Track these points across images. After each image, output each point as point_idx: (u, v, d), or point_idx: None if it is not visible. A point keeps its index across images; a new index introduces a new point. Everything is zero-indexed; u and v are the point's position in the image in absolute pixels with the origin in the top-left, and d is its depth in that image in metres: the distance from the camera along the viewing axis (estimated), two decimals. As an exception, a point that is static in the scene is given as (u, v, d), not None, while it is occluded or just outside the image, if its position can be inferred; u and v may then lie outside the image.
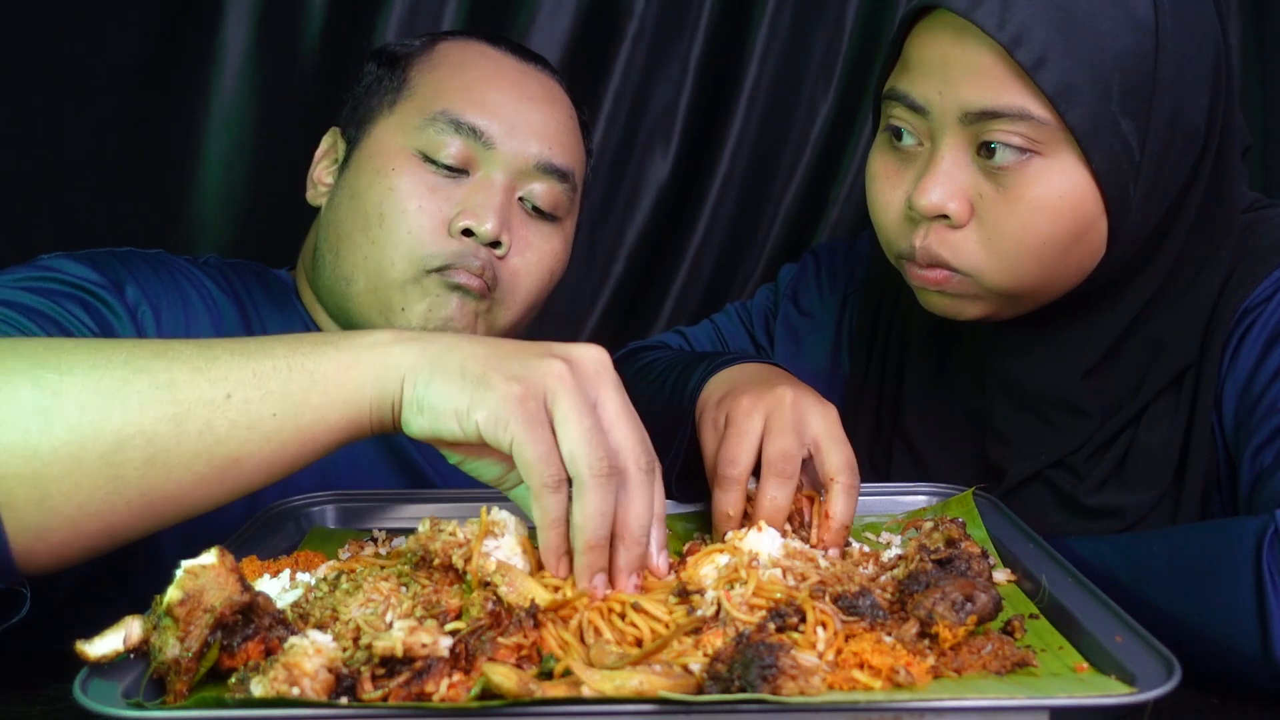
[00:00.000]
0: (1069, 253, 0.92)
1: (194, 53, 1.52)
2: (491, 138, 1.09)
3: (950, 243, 0.93)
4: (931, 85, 0.91)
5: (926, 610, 0.69)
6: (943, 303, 0.97)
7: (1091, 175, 0.89)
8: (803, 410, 0.91)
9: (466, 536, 0.75)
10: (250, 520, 0.95)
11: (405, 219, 1.07)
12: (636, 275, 1.69)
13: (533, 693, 0.60)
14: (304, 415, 0.75)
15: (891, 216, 0.97)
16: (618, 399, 0.75)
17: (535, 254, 1.12)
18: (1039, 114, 0.87)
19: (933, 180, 0.91)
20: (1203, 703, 0.78)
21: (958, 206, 0.91)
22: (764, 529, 0.82)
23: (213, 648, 0.65)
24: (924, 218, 0.93)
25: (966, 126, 0.90)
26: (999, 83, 0.87)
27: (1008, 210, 0.90)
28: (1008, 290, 0.94)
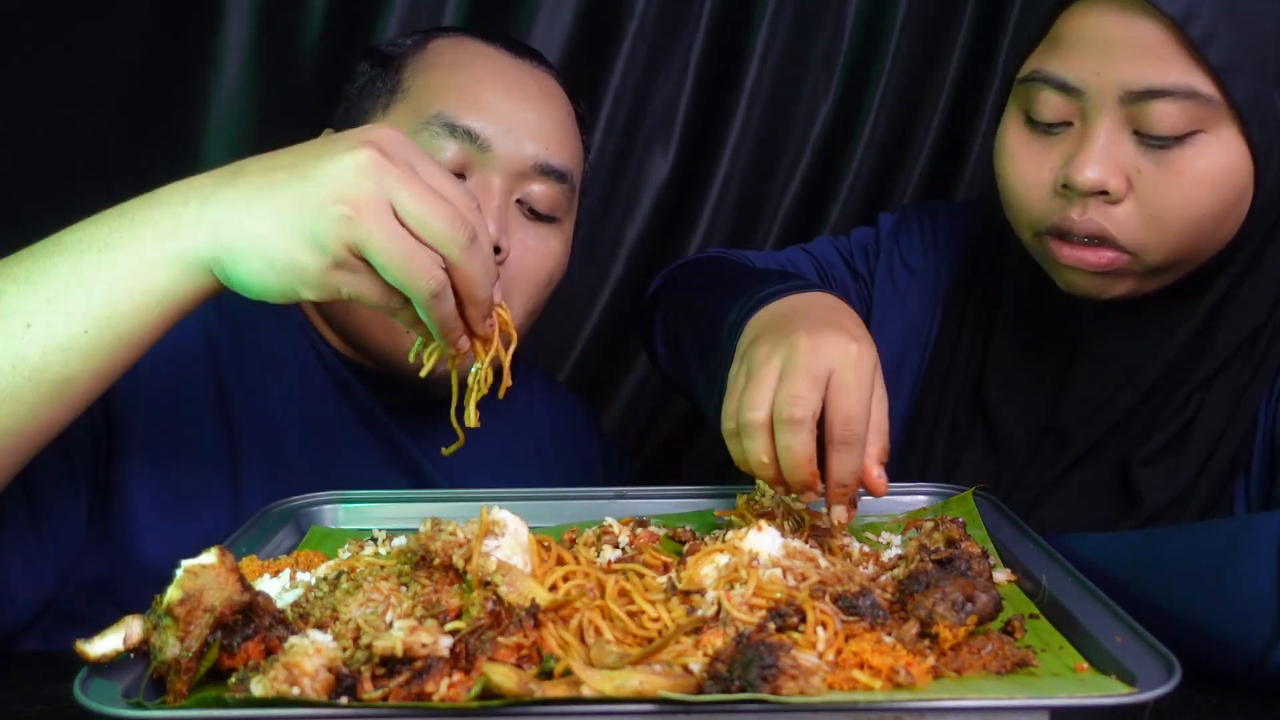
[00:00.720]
0: (1220, 225, 0.93)
1: (194, 53, 1.52)
2: (488, 140, 1.07)
3: (1112, 217, 0.93)
4: (1089, 65, 0.91)
5: (927, 610, 0.69)
6: (1086, 284, 0.97)
7: (1249, 149, 0.90)
8: (821, 351, 0.83)
9: (466, 536, 0.75)
10: (250, 520, 0.95)
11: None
12: (636, 275, 1.69)
13: (533, 693, 0.60)
14: (119, 325, 0.74)
15: (1037, 193, 0.96)
16: (432, 163, 0.77)
17: (534, 257, 1.11)
18: (1205, 91, 0.88)
19: (1091, 157, 0.91)
20: (1203, 703, 0.78)
21: (1117, 183, 0.91)
22: (764, 529, 0.82)
23: (213, 647, 0.65)
24: (1080, 194, 0.93)
25: (1126, 105, 0.90)
26: (1165, 60, 0.88)
27: (1168, 186, 0.91)
28: (1164, 265, 0.94)
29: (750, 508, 0.91)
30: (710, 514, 0.98)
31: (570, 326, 1.69)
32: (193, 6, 1.51)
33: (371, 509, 1.01)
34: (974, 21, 1.68)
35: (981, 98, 1.70)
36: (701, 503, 1.02)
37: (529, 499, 1.01)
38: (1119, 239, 0.93)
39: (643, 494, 1.03)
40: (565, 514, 0.98)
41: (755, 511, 0.89)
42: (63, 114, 1.50)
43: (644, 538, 0.90)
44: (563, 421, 1.32)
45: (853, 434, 0.81)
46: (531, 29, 1.59)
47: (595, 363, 1.71)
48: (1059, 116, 0.94)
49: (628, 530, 0.91)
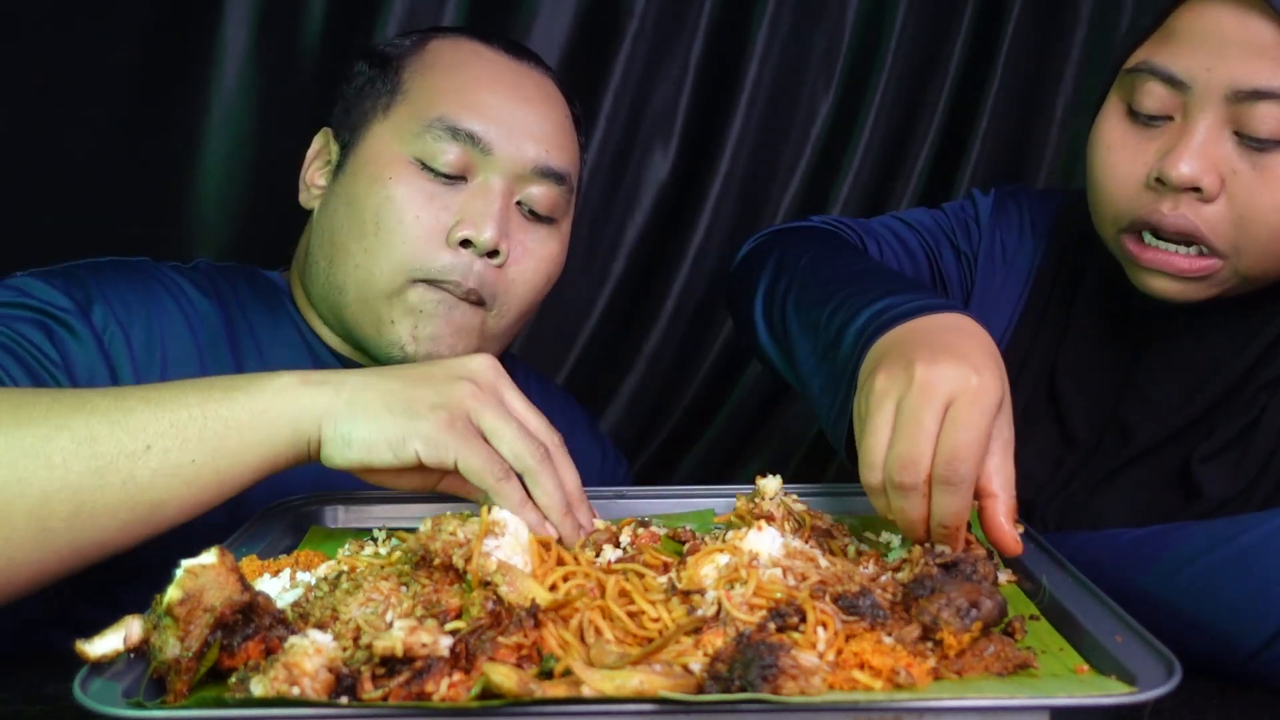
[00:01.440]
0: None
1: (194, 53, 1.52)
2: (489, 143, 1.07)
3: (1203, 216, 0.92)
4: (1199, 60, 0.90)
5: (931, 616, 0.68)
6: (1167, 288, 0.96)
7: None
8: (936, 388, 0.78)
9: (466, 536, 0.75)
10: (250, 520, 0.95)
11: (402, 229, 1.05)
12: (636, 275, 1.69)
13: (533, 692, 0.60)
14: (221, 460, 0.81)
15: (1129, 186, 0.95)
16: (517, 394, 0.88)
17: (533, 259, 1.11)
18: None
19: (1188, 151, 0.90)
20: (1204, 702, 0.78)
21: (1211, 180, 0.90)
22: (764, 529, 0.82)
23: (213, 647, 0.65)
24: (1173, 188, 0.92)
25: (1231, 104, 0.89)
26: (1277, 63, 0.87)
27: (1262, 190, 0.90)
28: (1250, 274, 0.93)
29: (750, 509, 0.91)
30: (710, 514, 0.98)
31: (570, 326, 1.69)
32: (193, 6, 1.51)
33: (371, 509, 1.01)
34: (974, 21, 1.68)
35: (981, 98, 1.70)
36: (701, 503, 1.02)
37: (529, 499, 1.01)
38: (1209, 238, 0.92)
39: (643, 494, 1.03)
40: (565, 514, 0.98)
41: (755, 514, 0.89)
42: (63, 114, 1.50)
43: (645, 538, 0.89)
44: (559, 421, 1.32)
45: (955, 474, 0.76)
46: (531, 29, 1.59)
47: (595, 362, 1.71)
48: (1162, 109, 0.93)
49: (629, 530, 0.91)
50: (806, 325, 0.99)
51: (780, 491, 0.91)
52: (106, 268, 1.09)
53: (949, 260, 1.19)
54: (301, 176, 1.16)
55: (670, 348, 1.71)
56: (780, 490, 0.91)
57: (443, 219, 1.06)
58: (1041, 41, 1.69)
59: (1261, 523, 0.83)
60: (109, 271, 1.08)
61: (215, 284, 1.14)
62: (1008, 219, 1.20)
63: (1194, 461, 0.99)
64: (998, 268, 1.17)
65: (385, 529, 0.94)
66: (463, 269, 1.05)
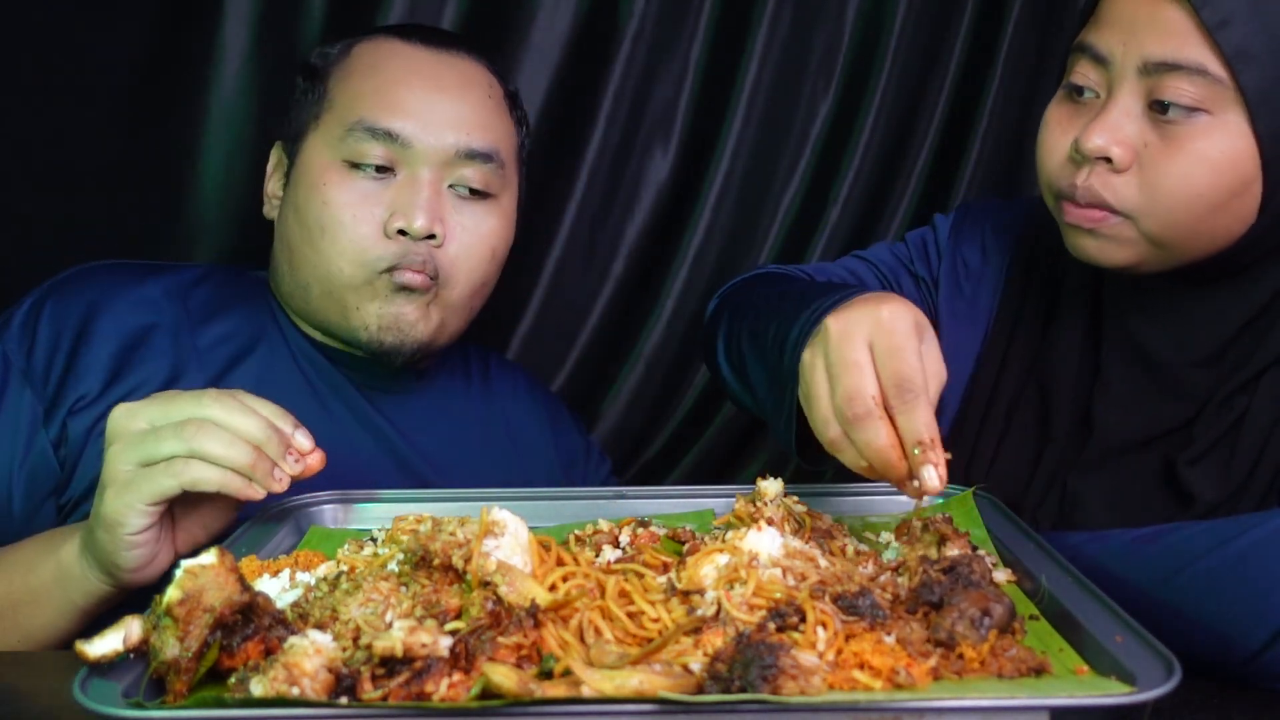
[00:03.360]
0: (1221, 211, 0.95)
1: (194, 53, 1.51)
2: (408, 138, 1.14)
3: (1110, 184, 0.97)
4: (1117, 37, 0.96)
5: (947, 631, 0.69)
6: (1089, 245, 1.01)
7: (1254, 139, 0.93)
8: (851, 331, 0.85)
9: (466, 536, 0.75)
10: (250, 520, 0.95)
11: (344, 230, 1.14)
12: (636, 275, 1.69)
13: (533, 692, 0.60)
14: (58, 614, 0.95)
15: (1057, 158, 1.01)
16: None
17: (472, 236, 1.18)
18: (1215, 71, 0.92)
19: (1101, 124, 0.96)
20: (1203, 702, 0.78)
21: (1122, 152, 0.96)
22: (764, 529, 0.82)
23: (212, 648, 0.65)
24: (1088, 159, 0.97)
25: (1143, 78, 0.95)
26: (1181, 38, 0.92)
27: (1169, 160, 0.94)
28: (1158, 237, 0.97)
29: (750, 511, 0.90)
30: (710, 514, 0.98)
31: (570, 326, 1.68)
32: (193, 6, 1.51)
33: (371, 509, 1.02)
34: (974, 21, 1.67)
35: (981, 98, 1.70)
36: (701, 503, 1.02)
37: (529, 499, 1.01)
38: (1114, 205, 0.97)
39: (643, 494, 1.04)
40: (565, 514, 0.99)
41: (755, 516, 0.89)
42: (63, 114, 1.50)
43: (644, 538, 0.90)
44: (545, 414, 1.38)
45: (908, 391, 0.81)
46: (531, 29, 1.59)
47: (596, 362, 1.71)
48: (1089, 85, 0.99)
49: (629, 530, 0.91)
50: (757, 353, 1.03)
51: (781, 494, 0.91)
52: (61, 286, 1.18)
53: (909, 288, 1.24)
54: (264, 190, 1.26)
55: (670, 348, 1.71)
56: (781, 493, 0.91)
57: (378, 213, 1.14)
58: (1041, 41, 1.69)
59: (1261, 523, 0.83)
60: (62, 291, 1.17)
61: (187, 286, 1.22)
62: (969, 236, 1.24)
63: (1180, 464, 1.00)
64: (962, 284, 1.22)
65: (385, 529, 0.94)
66: (407, 255, 1.13)
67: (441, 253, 1.15)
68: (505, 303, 1.64)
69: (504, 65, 1.58)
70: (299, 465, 0.89)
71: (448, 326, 1.19)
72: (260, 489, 0.87)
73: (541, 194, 1.62)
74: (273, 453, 0.88)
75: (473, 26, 1.57)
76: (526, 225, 1.63)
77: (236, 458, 0.86)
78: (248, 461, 0.86)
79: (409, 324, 1.15)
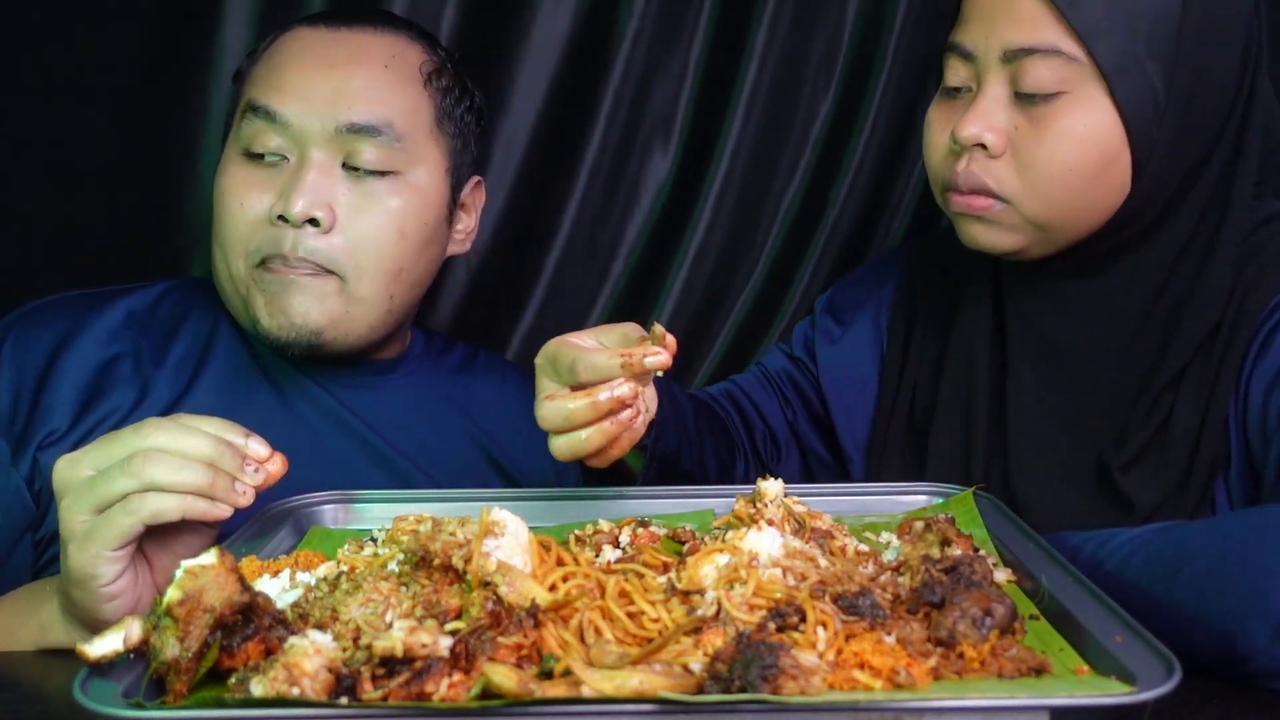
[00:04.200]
0: (1095, 184, 1.00)
1: (194, 53, 1.51)
2: (285, 116, 1.12)
3: (989, 169, 1.02)
4: (979, 31, 1.02)
5: (948, 631, 0.69)
6: (979, 232, 1.05)
7: (1117, 112, 0.98)
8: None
9: (466, 537, 0.75)
10: (250, 520, 0.95)
11: (232, 218, 1.13)
12: (637, 275, 1.69)
13: (533, 693, 0.60)
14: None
15: (939, 153, 1.07)
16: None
17: (373, 216, 1.13)
18: (1070, 50, 0.97)
19: (973, 114, 1.02)
20: (1203, 702, 0.78)
21: (994, 138, 1.01)
22: (764, 529, 0.82)
23: (212, 648, 0.65)
24: (965, 149, 1.02)
25: (1006, 65, 1.00)
26: (1036, 23, 0.98)
27: (1039, 140, 1.00)
28: (1039, 218, 1.02)
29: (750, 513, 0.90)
30: (710, 514, 0.98)
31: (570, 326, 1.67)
32: (193, 6, 1.51)
33: (371, 509, 1.01)
34: (974, 21, 1.68)
35: (981, 98, 1.70)
36: (701, 503, 1.02)
37: (529, 499, 1.01)
38: (994, 188, 1.02)
39: (643, 494, 1.03)
40: (565, 514, 0.99)
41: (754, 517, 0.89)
42: (63, 114, 1.50)
43: (644, 538, 0.89)
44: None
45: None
46: (531, 29, 1.59)
47: (595, 363, 1.71)
48: (961, 82, 1.05)
49: (629, 530, 0.91)
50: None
51: (781, 494, 0.91)
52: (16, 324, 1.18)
53: (795, 377, 1.30)
54: None
55: (670, 348, 1.71)
56: (781, 493, 0.91)
57: (265, 201, 1.12)
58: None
59: (1259, 519, 0.83)
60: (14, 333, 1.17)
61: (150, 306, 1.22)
62: (841, 299, 1.31)
63: (1115, 470, 1.02)
64: (836, 338, 1.28)
65: (385, 529, 0.94)
66: (287, 242, 1.10)
67: (332, 239, 1.11)
68: (505, 303, 1.64)
69: (504, 65, 1.59)
70: (259, 474, 0.85)
71: (363, 318, 1.15)
72: (224, 507, 0.84)
73: (541, 194, 1.62)
74: (228, 467, 0.84)
75: (473, 26, 1.57)
76: (526, 225, 1.64)
77: (191, 480, 0.82)
78: (205, 482, 0.82)
79: (299, 315, 1.11)
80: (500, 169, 1.60)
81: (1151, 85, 0.98)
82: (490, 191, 1.58)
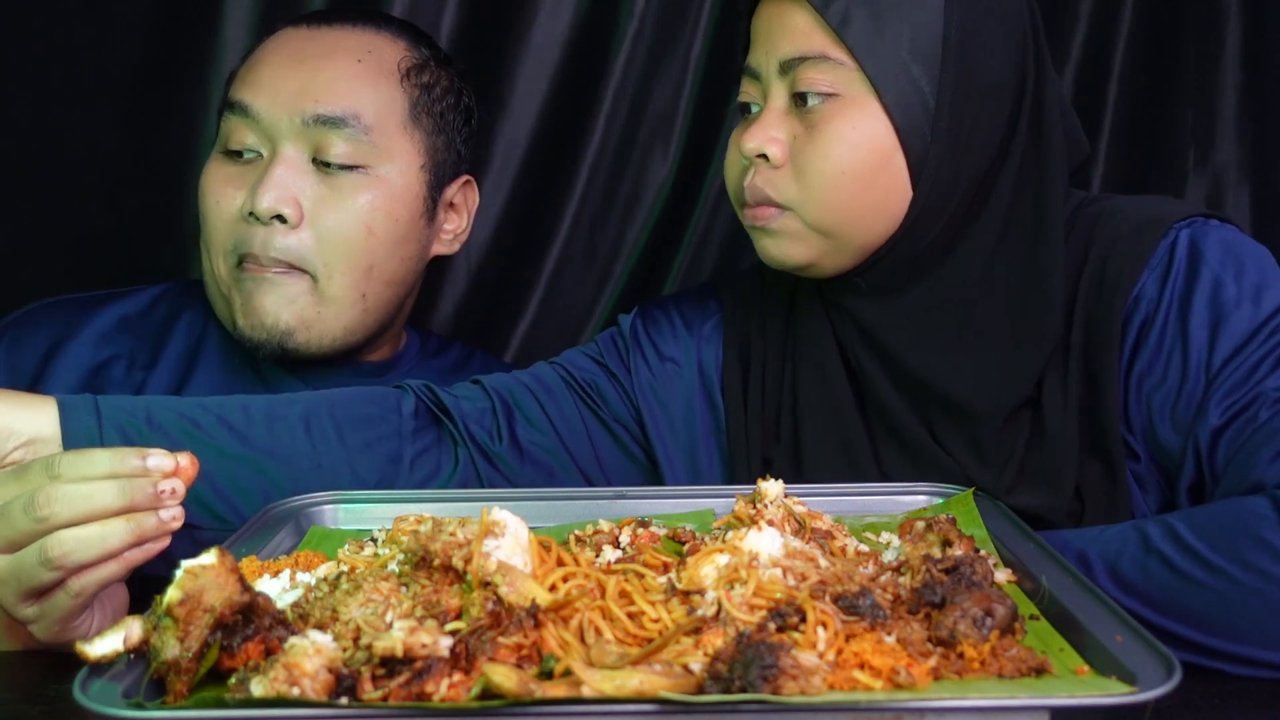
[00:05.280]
0: (871, 186, 1.03)
1: (194, 53, 1.51)
2: (257, 111, 1.12)
3: (771, 180, 1.05)
4: (761, 49, 1.06)
5: (948, 630, 0.69)
6: (769, 245, 1.07)
7: (886, 116, 1.01)
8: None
9: (467, 537, 0.75)
10: (250, 520, 0.95)
11: (210, 216, 1.13)
12: (637, 276, 1.69)
13: (533, 693, 0.60)
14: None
15: (734, 171, 1.09)
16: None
17: (340, 211, 1.13)
18: (838, 56, 1.01)
19: (755, 128, 1.05)
20: (1203, 702, 0.78)
21: (776, 149, 1.04)
22: (764, 529, 0.82)
23: (213, 648, 0.65)
24: (750, 161, 1.05)
25: (783, 78, 1.04)
26: (807, 34, 1.02)
27: (814, 146, 1.03)
28: (819, 223, 1.04)
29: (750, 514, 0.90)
30: (710, 514, 0.98)
31: (571, 327, 1.68)
32: (193, 6, 1.51)
33: (371, 509, 1.01)
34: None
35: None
36: (701, 503, 1.02)
37: (529, 499, 1.01)
38: (774, 197, 1.05)
39: (643, 494, 1.03)
40: (565, 514, 0.98)
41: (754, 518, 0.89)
42: (62, 115, 1.50)
43: (645, 538, 0.89)
44: None
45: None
46: (531, 29, 1.59)
47: (595, 363, 1.71)
48: (751, 99, 1.08)
49: (629, 530, 0.91)
50: None
51: (781, 495, 0.91)
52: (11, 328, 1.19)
53: (600, 382, 1.20)
54: None
55: (670, 348, 1.71)
56: (781, 494, 0.91)
57: (239, 198, 1.12)
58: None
59: (1239, 508, 0.85)
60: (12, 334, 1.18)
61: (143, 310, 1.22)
62: (656, 327, 1.24)
63: (999, 495, 1.01)
64: (658, 374, 1.21)
65: (385, 529, 0.94)
66: (257, 240, 1.11)
67: (301, 235, 1.11)
68: (505, 303, 1.64)
69: (504, 65, 1.59)
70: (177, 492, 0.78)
71: (336, 319, 1.14)
72: (162, 540, 0.78)
73: (541, 194, 1.62)
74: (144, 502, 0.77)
75: (472, 27, 1.57)
76: (526, 225, 1.64)
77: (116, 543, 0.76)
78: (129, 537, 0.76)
79: (270, 315, 1.11)
80: (500, 169, 1.60)
81: (919, 89, 1.01)
82: (490, 191, 1.58)
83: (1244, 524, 0.84)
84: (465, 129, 1.25)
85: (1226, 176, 1.55)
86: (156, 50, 1.51)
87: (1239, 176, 1.55)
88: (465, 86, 1.26)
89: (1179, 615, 0.83)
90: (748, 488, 0.94)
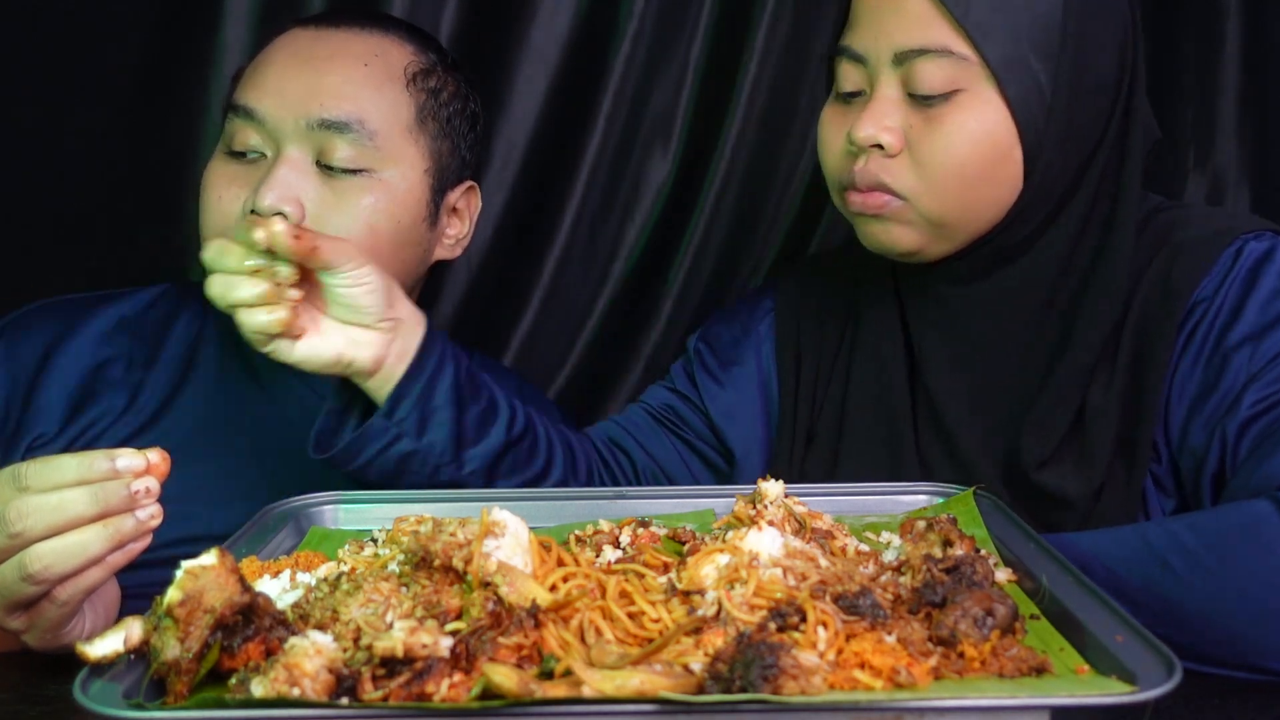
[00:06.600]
0: (988, 180, 1.03)
1: (194, 53, 1.51)
2: (262, 114, 1.12)
3: (887, 168, 1.04)
4: (869, 34, 1.04)
5: (949, 630, 0.69)
6: (878, 231, 1.07)
7: (1007, 108, 1.01)
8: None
9: (467, 537, 0.75)
10: (250, 520, 0.95)
11: (209, 214, 1.13)
12: (636, 276, 1.69)
13: (533, 693, 0.60)
14: None
15: (835, 154, 1.09)
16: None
17: (342, 214, 1.13)
18: (960, 50, 1.00)
19: (869, 116, 1.04)
20: (1203, 702, 0.78)
21: (891, 138, 1.03)
22: (764, 529, 0.82)
23: (213, 648, 0.65)
24: (862, 149, 1.04)
25: (898, 67, 1.03)
26: (926, 24, 1.01)
27: (933, 138, 1.02)
28: (935, 214, 1.04)
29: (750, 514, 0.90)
30: (710, 514, 0.98)
31: (570, 327, 1.68)
32: (193, 6, 1.51)
33: (371, 509, 1.01)
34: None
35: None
36: (702, 503, 1.02)
37: (529, 499, 1.01)
38: (891, 185, 1.04)
39: (643, 494, 1.03)
40: (565, 514, 0.99)
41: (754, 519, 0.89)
42: (63, 115, 1.50)
43: (645, 538, 0.89)
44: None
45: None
46: (531, 29, 1.59)
47: (596, 363, 1.71)
48: (855, 86, 1.07)
49: (629, 530, 0.91)
50: None
51: (781, 495, 0.91)
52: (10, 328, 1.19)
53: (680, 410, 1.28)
54: None
55: (670, 348, 1.70)
56: (781, 494, 0.91)
57: (241, 196, 1.12)
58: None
59: (1242, 514, 0.84)
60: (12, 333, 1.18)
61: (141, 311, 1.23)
62: (714, 337, 1.30)
63: (1029, 471, 1.03)
64: (721, 377, 1.27)
65: (385, 529, 0.94)
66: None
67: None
68: (505, 303, 1.64)
69: (503, 65, 1.59)
70: (151, 491, 0.77)
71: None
72: (143, 540, 0.78)
73: (541, 194, 1.62)
74: (119, 505, 0.76)
75: (472, 27, 1.57)
76: (526, 225, 1.64)
77: (96, 549, 0.76)
78: (108, 542, 0.76)
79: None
80: (500, 169, 1.60)
81: (1038, 82, 1.01)
82: (490, 192, 1.58)
83: (1246, 529, 0.84)
84: (470, 134, 1.25)
85: (1226, 176, 1.55)
86: (156, 50, 1.51)
87: (1239, 176, 1.55)
88: (472, 92, 1.26)
89: (1178, 620, 0.83)
90: (748, 488, 0.94)
